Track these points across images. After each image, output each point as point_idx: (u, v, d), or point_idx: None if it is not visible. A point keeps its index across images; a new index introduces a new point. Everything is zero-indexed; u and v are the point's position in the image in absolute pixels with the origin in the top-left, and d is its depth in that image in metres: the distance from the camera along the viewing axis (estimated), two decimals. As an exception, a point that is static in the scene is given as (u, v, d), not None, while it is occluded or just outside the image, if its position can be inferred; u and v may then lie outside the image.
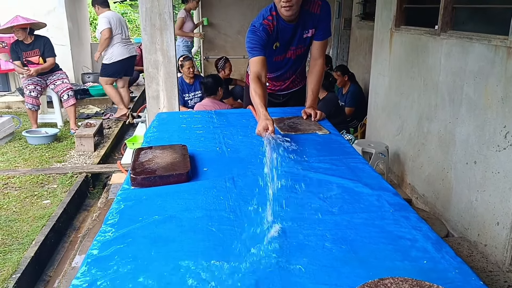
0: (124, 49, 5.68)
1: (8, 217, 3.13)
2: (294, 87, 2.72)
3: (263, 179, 1.59)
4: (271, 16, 2.28)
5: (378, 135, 4.06)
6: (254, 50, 2.24)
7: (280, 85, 2.67)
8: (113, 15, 5.69)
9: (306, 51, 2.52)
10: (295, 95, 2.75)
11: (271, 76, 2.61)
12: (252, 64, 2.25)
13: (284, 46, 2.40)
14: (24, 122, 5.48)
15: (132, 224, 1.29)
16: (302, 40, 2.41)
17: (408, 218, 1.31)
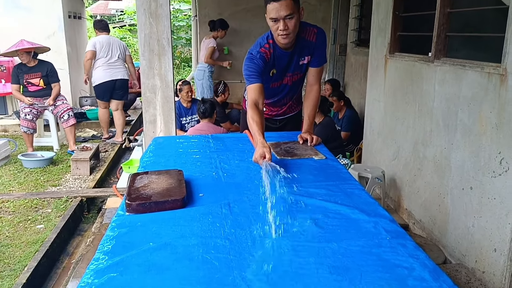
0: (106, 73, 5.73)
1: (1, 242, 3.09)
2: (291, 112, 2.75)
3: (259, 206, 1.59)
4: (268, 44, 2.32)
5: (374, 160, 4.07)
6: (252, 77, 2.27)
7: (277, 110, 2.69)
8: (102, 39, 5.77)
9: (303, 77, 2.55)
10: (292, 120, 2.77)
11: (268, 101, 2.63)
12: (250, 91, 2.27)
13: (280, 72, 2.44)
14: (20, 146, 5.47)
15: (127, 252, 1.27)
16: (298, 67, 2.44)
17: (405, 246, 1.30)
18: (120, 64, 5.89)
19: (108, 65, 5.75)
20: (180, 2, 13.22)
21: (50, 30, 7.05)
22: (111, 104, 5.96)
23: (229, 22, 6.59)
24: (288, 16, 2.15)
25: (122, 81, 5.93)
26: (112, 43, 5.80)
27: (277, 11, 2.14)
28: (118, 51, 5.83)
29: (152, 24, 3.17)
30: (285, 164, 2.06)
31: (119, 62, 5.85)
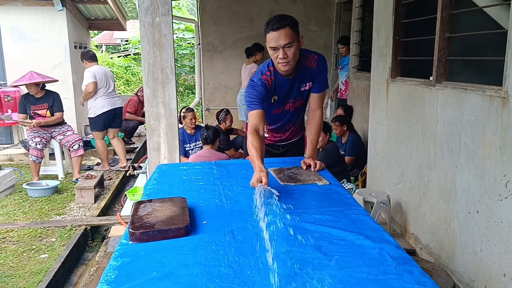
0: (107, 102, 5.84)
1: (4, 272, 3.06)
2: (294, 138, 2.76)
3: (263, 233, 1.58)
4: (269, 71, 2.36)
5: (379, 184, 4.05)
6: (253, 104, 2.30)
7: (280, 136, 2.71)
8: (99, 69, 5.92)
9: (305, 103, 2.58)
10: (295, 145, 2.78)
11: (271, 127, 2.65)
12: (251, 117, 2.30)
13: (282, 99, 2.46)
14: (26, 175, 5.50)
15: (130, 282, 1.26)
16: (300, 93, 2.47)
17: (412, 273, 1.28)
18: (116, 93, 6.10)
19: (108, 95, 5.88)
20: (183, 31, 13.48)
21: (56, 60, 7.18)
22: (109, 133, 6.02)
23: (231, 50, 6.71)
24: (287, 45, 2.19)
25: (120, 109, 6.13)
26: (107, 73, 5.99)
27: (276, 40, 2.18)
28: (112, 80, 6.01)
29: (156, 54, 3.23)
30: (288, 190, 2.06)
31: (115, 91, 6.06)
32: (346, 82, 6.28)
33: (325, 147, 4.32)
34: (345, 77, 6.29)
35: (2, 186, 4.78)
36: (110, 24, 9.10)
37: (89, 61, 5.93)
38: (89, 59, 5.94)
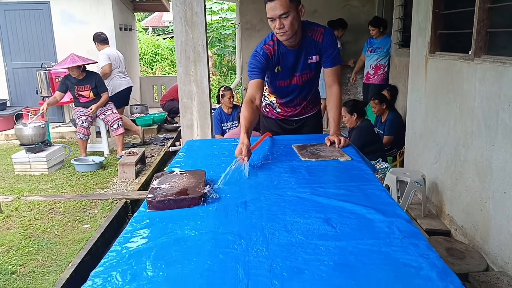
0: (123, 81, 6.27)
1: (50, 240, 3.30)
2: (307, 113, 2.72)
3: (275, 205, 1.61)
4: (272, 41, 2.36)
5: (416, 164, 3.94)
6: (253, 73, 2.33)
7: (291, 111, 2.68)
8: (111, 51, 6.26)
9: (314, 77, 2.53)
10: (308, 120, 2.73)
11: (281, 101, 2.64)
12: (249, 87, 2.34)
13: (287, 71, 2.44)
14: (74, 151, 5.82)
15: (140, 245, 1.33)
16: (307, 66, 2.43)
17: (417, 246, 1.27)
18: (127, 73, 6.50)
19: (122, 74, 6.31)
20: (226, 11, 13.49)
21: (102, 42, 7.45)
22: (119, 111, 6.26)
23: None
24: (283, 15, 2.18)
25: (131, 88, 6.54)
26: (118, 55, 6.35)
27: (273, 10, 2.18)
28: (123, 61, 6.40)
29: (188, 32, 3.28)
30: (308, 165, 2.06)
31: (126, 71, 6.48)
32: (376, 66, 5.99)
33: (359, 126, 4.24)
34: (375, 61, 5.98)
35: (53, 161, 5.10)
36: (154, 5, 9.28)
37: (101, 44, 6.22)
38: (101, 42, 6.22)
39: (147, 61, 13.42)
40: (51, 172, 5.01)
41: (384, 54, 5.90)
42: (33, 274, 2.79)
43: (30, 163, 4.97)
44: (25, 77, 7.50)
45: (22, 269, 2.85)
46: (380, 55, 5.91)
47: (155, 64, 13.54)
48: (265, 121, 2.81)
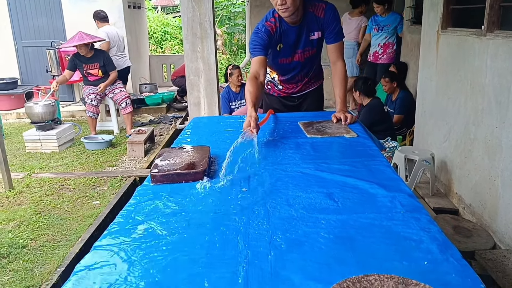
0: (120, 61, 6.17)
1: (60, 215, 3.36)
2: (308, 89, 2.69)
3: (278, 180, 1.61)
4: (273, 18, 2.33)
5: (425, 143, 3.90)
6: (255, 50, 2.30)
7: (293, 88, 2.66)
8: (110, 29, 6.19)
9: (316, 54, 2.50)
10: (310, 95, 2.70)
11: (282, 79, 2.62)
12: (252, 64, 2.32)
13: (289, 48, 2.41)
14: (84, 129, 5.86)
15: (142, 216, 1.35)
16: (309, 42, 2.40)
17: (419, 220, 1.26)
18: (126, 52, 6.48)
19: (121, 54, 6.28)
20: (236, -11, 13.29)
21: (111, 20, 7.38)
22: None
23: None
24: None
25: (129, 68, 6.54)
26: (118, 33, 6.29)
27: None
28: (122, 40, 6.35)
29: (194, 8, 3.24)
30: (314, 142, 2.05)
31: (125, 50, 6.46)
32: (385, 45, 5.84)
33: (368, 104, 4.19)
34: (383, 39, 5.82)
35: (63, 139, 5.15)
36: (163, -17, 9.16)
37: (101, 21, 6.18)
38: (100, 20, 6.19)
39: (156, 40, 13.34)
40: (61, 150, 5.07)
41: (392, 32, 5.75)
42: (44, 248, 2.85)
43: (41, 141, 5.03)
44: (35, 56, 7.54)
45: (33, 243, 2.92)
46: (388, 33, 5.76)
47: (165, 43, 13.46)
48: (267, 98, 2.79)
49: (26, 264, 2.65)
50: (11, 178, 3.87)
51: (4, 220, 3.26)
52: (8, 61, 7.54)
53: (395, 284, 0.87)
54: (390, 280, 0.88)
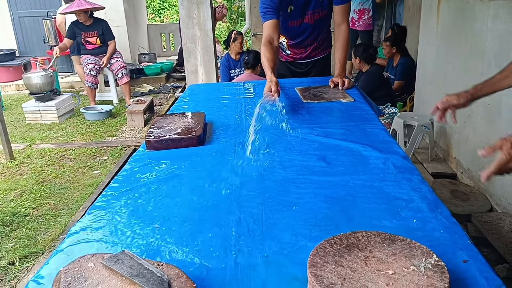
0: None
1: (62, 185, 3.39)
2: (317, 56, 2.65)
3: (273, 144, 1.61)
4: None
5: (425, 108, 3.87)
6: (267, 14, 2.25)
7: (301, 53, 2.62)
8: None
9: (326, 17, 2.45)
10: (318, 63, 2.67)
11: (291, 43, 2.57)
12: (265, 28, 2.27)
13: (299, 10, 2.36)
14: (84, 100, 5.85)
15: (137, 181, 1.36)
16: (319, 3, 2.34)
17: (411, 180, 1.27)
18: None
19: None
20: (236, -46, 12.92)
21: (107, -12, 7.27)
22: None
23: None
24: None
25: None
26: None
27: None
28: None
29: (189, -28, 3.16)
30: (310, 107, 2.04)
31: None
32: (360, 11, 5.69)
33: (367, 70, 4.14)
34: (358, 5, 5.66)
35: (62, 110, 5.15)
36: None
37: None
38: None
39: (154, 8, 13.10)
40: (61, 121, 5.07)
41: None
42: (46, 216, 2.90)
43: (41, 112, 5.03)
44: (32, 26, 7.44)
45: (35, 212, 2.96)
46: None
47: (163, 11, 13.22)
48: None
49: (29, 232, 2.70)
50: (11, 149, 3.89)
51: (6, 189, 3.30)
52: (4, 32, 7.45)
53: (382, 240, 0.89)
54: (377, 237, 0.90)
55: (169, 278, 0.80)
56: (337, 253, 0.85)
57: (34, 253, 2.49)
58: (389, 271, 0.79)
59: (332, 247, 0.87)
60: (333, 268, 0.80)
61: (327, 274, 0.78)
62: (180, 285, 0.79)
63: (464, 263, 0.89)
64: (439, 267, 0.79)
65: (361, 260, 0.83)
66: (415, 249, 0.85)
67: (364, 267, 0.81)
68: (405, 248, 0.86)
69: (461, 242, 0.96)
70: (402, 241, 0.88)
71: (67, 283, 0.80)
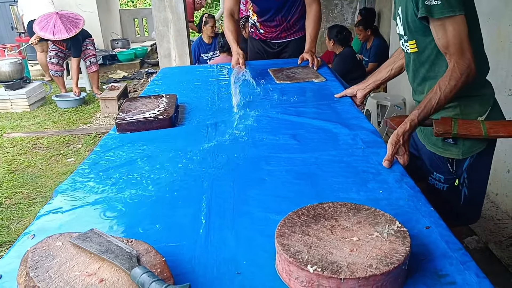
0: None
1: (35, 173, 3.33)
2: (289, 37, 2.64)
3: (244, 123, 1.62)
4: None
5: (397, 89, 3.94)
6: None
7: (271, 32, 2.62)
8: None
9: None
10: (292, 44, 2.66)
11: (261, 20, 2.58)
12: (226, 1, 2.33)
13: None
14: (55, 88, 5.71)
15: (109, 164, 1.35)
16: None
17: (378, 154, 1.29)
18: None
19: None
20: None
21: (76, -28, 7.06)
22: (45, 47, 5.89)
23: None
24: None
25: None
26: None
27: None
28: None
29: (159, -47, 3.10)
30: (283, 87, 2.05)
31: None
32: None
33: (341, 53, 4.17)
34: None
35: (33, 98, 5.02)
36: None
37: None
38: None
39: None
40: (32, 109, 4.95)
41: None
42: (19, 205, 2.85)
43: (11, 100, 4.89)
44: (-2, 13, 7.19)
45: (8, 201, 2.91)
46: None
47: (136, -3, 12.94)
48: (250, 42, 2.79)
49: (1, 221, 2.66)
50: (-19, 139, 3.79)
51: (-24, 180, 3.22)
52: (-31, 19, 7.18)
53: (348, 210, 0.91)
54: (343, 207, 0.92)
55: (138, 253, 0.81)
56: (304, 223, 0.87)
57: (7, 242, 2.45)
58: (354, 238, 0.82)
59: (300, 218, 0.88)
60: (300, 237, 0.82)
61: (294, 243, 0.80)
62: (149, 259, 0.80)
63: (427, 229, 0.93)
64: (401, 232, 0.82)
65: (327, 229, 0.85)
66: (379, 217, 0.88)
67: (330, 235, 0.83)
68: (369, 216, 0.88)
69: (424, 209, 1.00)
70: (367, 210, 0.91)
71: (34, 261, 0.79)
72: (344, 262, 0.75)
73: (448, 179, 1.39)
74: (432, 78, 1.37)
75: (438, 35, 1.24)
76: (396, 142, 1.25)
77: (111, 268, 0.78)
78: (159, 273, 0.75)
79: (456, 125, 1.31)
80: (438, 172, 1.41)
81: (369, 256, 0.76)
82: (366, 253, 0.77)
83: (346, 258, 0.76)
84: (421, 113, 1.27)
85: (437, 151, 1.39)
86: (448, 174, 1.39)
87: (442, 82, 1.25)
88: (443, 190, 1.41)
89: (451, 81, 1.23)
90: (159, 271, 0.76)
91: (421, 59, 1.39)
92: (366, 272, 0.72)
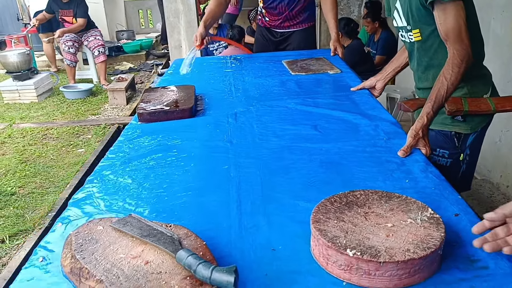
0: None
1: (46, 164, 3.36)
2: (292, 27, 2.65)
3: (265, 115, 1.63)
4: None
5: (407, 82, 3.95)
6: None
7: (274, 20, 2.64)
8: None
9: None
10: (295, 36, 2.66)
11: (265, 5, 2.62)
12: None
13: None
14: (62, 79, 5.73)
15: (133, 152, 1.37)
16: None
17: (401, 145, 1.31)
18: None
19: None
20: None
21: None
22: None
23: None
24: None
25: None
26: None
27: None
28: None
29: None
30: (299, 79, 2.06)
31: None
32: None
33: (349, 45, 4.17)
34: None
35: (41, 89, 5.03)
36: None
37: None
38: None
39: None
40: (40, 100, 4.97)
41: None
42: (33, 194, 2.88)
43: (19, 91, 4.91)
44: (4, 4, 7.18)
45: (21, 191, 2.94)
46: None
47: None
48: (257, 29, 2.84)
49: (16, 210, 2.69)
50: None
51: (-11, 169, 3.25)
52: (-25, 9, 7.18)
53: (379, 197, 0.93)
54: (374, 194, 0.94)
55: (179, 237, 0.83)
56: (337, 210, 0.89)
57: (23, 231, 2.48)
58: (388, 224, 0.84)
59: (333, 205, 0.91)
60: (335, 223, 0.84)
61: (330, 229, 0.82)
62: (190, 243, 0.82)
63: (456, 217, 0.95)
64: (434, 219, 0.84)
65: (361, 215, 0.87)
66: (410, 204, 0.90)
67: (364, 221, 0.85)
68: (401, 203, 0.90)
69: (452, 197, 1.02)
70: (398, 198, 0.93)
71: (78, 245, 0.82)
72: (382, 246, 0.77)
73: (452, 153, 1.49)
74: (435, 66, 1.45)
75: (440, 20, 1.32)
76: (416, 135, 1.29)
77: (154, 251, 0.80)
78: (202, 256, 0.77)
79: (466, 103, 1.42)
80: (442, 148, 1.50)
81: (405, 241, 0.78)
82: (402, 238, 0.79)
83: (383, 242, 0.78)
84: (435, 105, 1.33)
85: (446, 127, 1.48)
86: (453, 149, 1.48)
87: (446, 71, 1.32)
88: (446, 165, 1.50)
89: (454, 68, 1.30)
90: (202, 254, 0.79)
91: (425, 47, 1.48)
92: (404, 256, 0.74)
